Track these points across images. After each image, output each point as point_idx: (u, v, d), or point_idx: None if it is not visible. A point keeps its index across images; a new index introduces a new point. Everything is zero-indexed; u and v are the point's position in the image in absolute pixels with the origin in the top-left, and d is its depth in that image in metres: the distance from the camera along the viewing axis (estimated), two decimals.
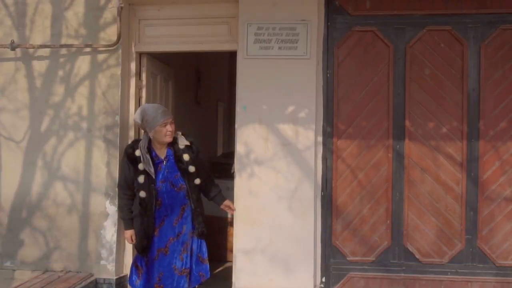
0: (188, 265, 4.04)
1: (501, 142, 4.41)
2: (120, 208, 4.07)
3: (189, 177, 4.00)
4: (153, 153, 3.99)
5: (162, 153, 4.01)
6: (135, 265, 4.10)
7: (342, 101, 4.55)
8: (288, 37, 4.46)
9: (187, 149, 4.03)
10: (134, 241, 4.02)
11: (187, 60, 6.59)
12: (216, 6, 4.67)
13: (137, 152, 3.92)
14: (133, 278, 4.07)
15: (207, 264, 4.12)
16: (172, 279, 3.99)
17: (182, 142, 4.03)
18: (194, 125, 6.77)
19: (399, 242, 4.49)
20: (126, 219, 4.01)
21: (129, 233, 4.01)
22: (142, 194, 3.90)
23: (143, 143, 3.96)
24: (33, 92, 4.76)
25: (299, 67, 4.45)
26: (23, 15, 4.77)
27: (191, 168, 4.00)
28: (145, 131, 4.01)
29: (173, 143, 4.02)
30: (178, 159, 4.00)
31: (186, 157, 4.00)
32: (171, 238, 3.99)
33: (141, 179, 3.91)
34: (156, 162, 3.97)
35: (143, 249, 3.99)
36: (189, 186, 4.00)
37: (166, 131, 3.92)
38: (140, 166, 3.91)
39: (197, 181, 4.02)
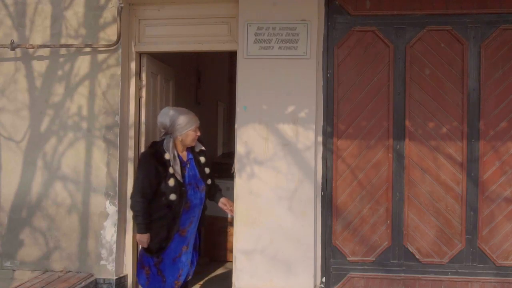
0: (191, 256, 4.28)
1: (501, 142, 4.41)
2: (139, 213, 4.01)
3: (206, 178, 4.23)
4: (179, 156, 4.11)
5: (184, 156, 4.15)
6: (141, 266, 4.17)
7: (342, 101, 4.55)
8: (288, 37, 4.46)
9: (201, 151, 4.27)
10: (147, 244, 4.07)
11: (187, 60, 6.59)
12: (216, 6, 4.67)
13: (167, 156, 3.98)
14: (142, 280, 4.17)
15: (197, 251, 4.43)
16: (187, 272, 4.22)
17: (198, 147, 4.25)
18: None
19: (399, 242, 4.49)
20: (146, 223, 4.01)
21: (146, 236, 4.03)
22: (173, 197, 3.96)
23: (170, 146, 4.02)
24: (33, 92, 4.76)
25: (299, 67, 4.45)
26: (23, 15, 4.77)
27: (207, 170, 4.25)
28: (166, 134, 4.07)
29: (191, 146, 4.21)
30: (197, 161, 4.21)
31: (202, 159, 4.24)
32: (190, 236, 4.19)
33: (171, 182, 3.96)
34: (182, 165, 4.08)
35: (158, 250, 4.06)
36: (206, 186, 4.24)
37: (195, 135, 4.13)
38: (170, 170, 3.97)
39: (209, 181, 4.27)
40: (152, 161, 4.00)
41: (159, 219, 4.01)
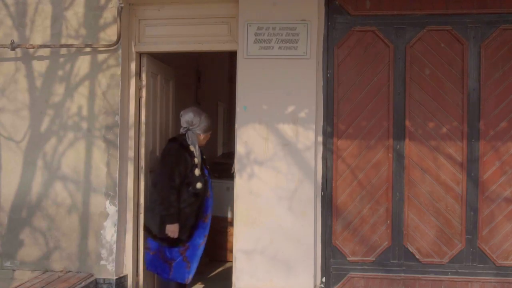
0: None
1: (501, 142, 4.41)
2: (171, 204, 4.29)
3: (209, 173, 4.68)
4: None
5: None
6: (165, 260, 4.37)
7: (342, 101, 4.55)
8: (288, 37, 4.46)
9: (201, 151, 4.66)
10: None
11: (187, 60, 6.59)
12: (216, 6, 4.67)
13: (191, 148, 4.44)
14: (166, 273, 4.38)
15: None
16: None
17: None
18: None
19: (399, 242, 4.49)
20: (177, 212, 4.32)
21: (177, 226, 4.32)
22: (199, 185, 4.38)
23: (194, 140, 4.48)
24: (33, 92, 4.76)
25: (299, 67, 4.45)
26: (23, 15, 4.77)
27: (208, 167, 4.67)
28: (188, 130, 4.50)
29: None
30: (202, 158, 4.59)
31: (204, 156, 4.66)
32: (209, 224, 4.59)
33: (197, 172, 4.40)
34: None
35: (186, 238, 4.40)
36: None
37: (209, 137, 4.68)
38: (195, 160, 4.42)
39: None
40: (181, 152, 4.38)
41: (187, 207, 4.35)
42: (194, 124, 4.50)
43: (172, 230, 4.31)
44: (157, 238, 4.41)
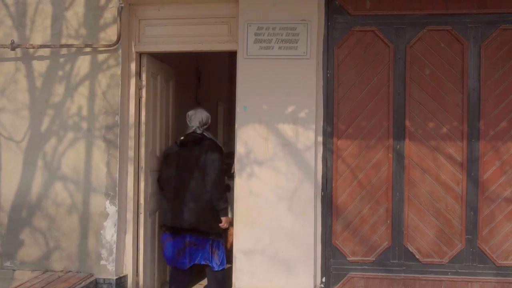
0: None
1: (501, 142, 4.41)
2: (227, 197, 4.63)
3: None
4: None
5: None
6: (212, 252, 4.66)
7: (342, 101, 4.55)
8: (288, 37, 4.46)
9: None
10: None
11: (187, 60, 6.58)
12: (216, 6, 4.67)
13: (218, 143, 4.75)
14: (219, 263, 4.71)
15: None
16: None
17: None
18: None
19: (399, 242, 4.49)
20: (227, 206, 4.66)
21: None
22: (226, 178, 4.72)
23: (215, 138, 4.74)
24: (33, 92, 4.76)
25: (299, 67, 4.45)
26: (23, 15, 4.77)
27: None
28: (205, 129, 4.76)
29: None
30: None
31: None
32: None
33: (224, 165, 4.71)
34: None
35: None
36: None
37: None
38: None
39: None
40: (220, 147, 4.70)
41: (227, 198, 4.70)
42: (208, 123, 4.78)
43: (228, 221, 4.65)
44: (212, 234, 4.61)
